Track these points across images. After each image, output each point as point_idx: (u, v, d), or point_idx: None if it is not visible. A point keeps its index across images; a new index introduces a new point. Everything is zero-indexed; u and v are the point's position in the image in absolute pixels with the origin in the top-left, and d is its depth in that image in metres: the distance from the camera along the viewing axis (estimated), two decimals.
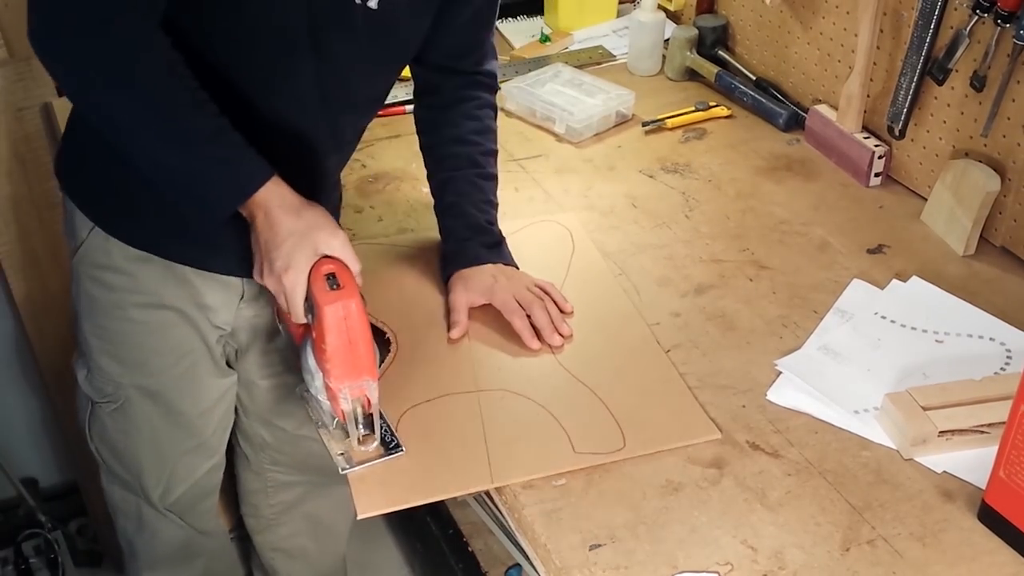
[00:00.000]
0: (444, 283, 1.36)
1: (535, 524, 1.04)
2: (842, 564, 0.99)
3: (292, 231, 1.07)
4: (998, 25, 1.31)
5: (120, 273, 1.28)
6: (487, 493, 1.14)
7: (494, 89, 1.44)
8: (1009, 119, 1.38)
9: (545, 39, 2.05)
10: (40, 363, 1.95)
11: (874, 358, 1.24)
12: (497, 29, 2.08)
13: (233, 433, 1.58)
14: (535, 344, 1.27)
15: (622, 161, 1.68)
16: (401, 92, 1.79)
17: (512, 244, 1.39)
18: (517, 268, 1.37)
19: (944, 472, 1.10)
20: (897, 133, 1.55)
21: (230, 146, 1.07)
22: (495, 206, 1.40)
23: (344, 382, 1.07)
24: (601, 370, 1.23)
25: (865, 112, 1.60)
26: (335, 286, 1.06)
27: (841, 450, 1.13)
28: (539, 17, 2.14)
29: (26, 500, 2.05)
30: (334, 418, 1.14)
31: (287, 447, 1.62)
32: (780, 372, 1.23)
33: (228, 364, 1.44)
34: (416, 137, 1.44)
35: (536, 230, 1.49)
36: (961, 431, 1.10)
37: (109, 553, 2.10)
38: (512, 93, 1.79)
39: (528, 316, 1.29)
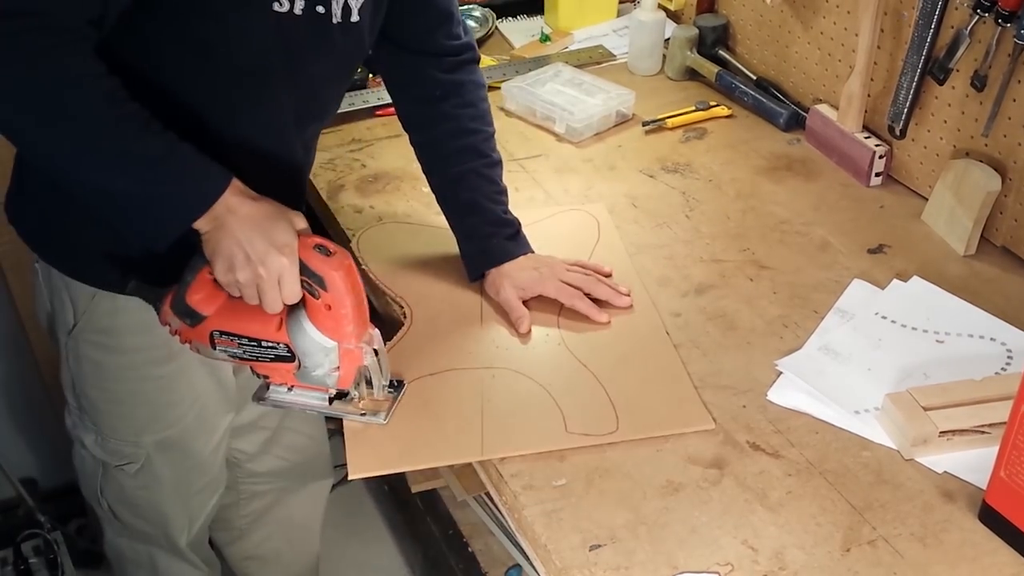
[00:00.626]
0: (471, 281, 1.36)
1: (535, 524, 1.04)
2: (843, 564, 0.99)
3: (263, 216, 1.05)
4: (999, 25, 1.31)
5: (131, 333, 1.25)
6: (487, 494, 1.14)
7: (477, 60, 1.39)
8: (1010, 119, 1.38)
9: (545, 38, 2.05)
10: (40, 363, 1.95)
11: (875, 358, 1.24)
12: (497, 29, 2.09)
13: None
14: (604, 317, 1.30)
15: (622, 161, 1.67)
16: None
17: (540, 230, 1.42)
18: (534, 252, 1.37)
19: (945, 472, 1.09)
20: (898, 133, 1.55)
21: (186, 160, 1.04)
22: (505, 192, 1.39)
23: (363, 338, 1.09)
24: (606, 356, 1.25)
25: (866, 112, 1.60)
26: (329, 253, 1.06)
27: (842, 450, 1.12)
28: (539, 16, 2.14)
29: (26, 500, 2.05)
30: (336, 390, 1.15)
31: (269, 451, 1.60)
32: (780, 372, 1.23)
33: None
34: None
35: (565, 218, 1.52)
36: (962, 431, 1.10)
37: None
38: (512, 93, 1.78)
39: (587, 294, 1.31)
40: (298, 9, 1.08)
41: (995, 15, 1.31)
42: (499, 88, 1.82)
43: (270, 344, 1.12)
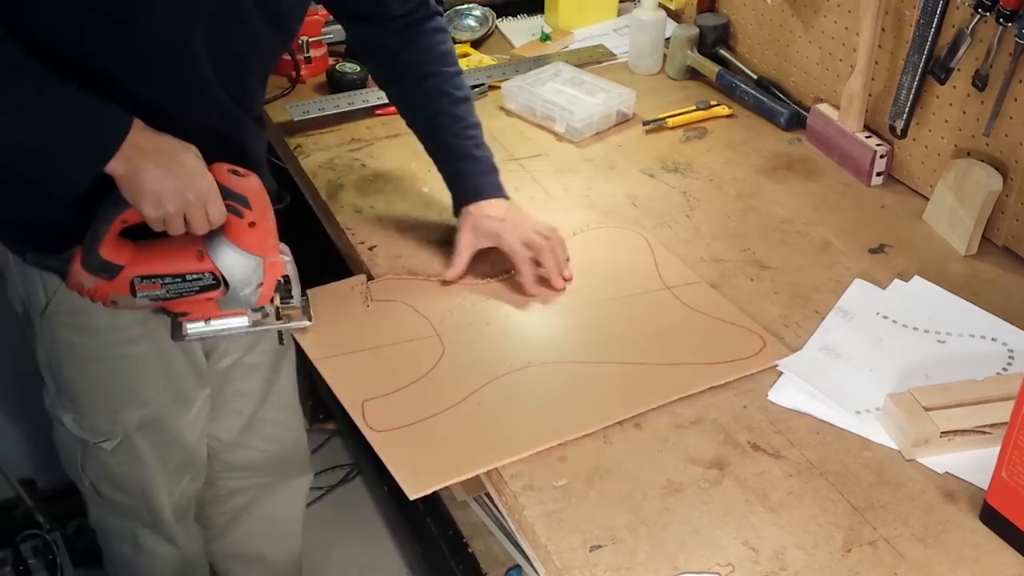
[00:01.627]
0: (456, 216, 1.40)
1: (536, 525, 1.03)
2: (843, 565, 0.99)
3: (172, 149, 1.09)
4: (1000, 24, 1.31)
5: (103, 312, 1.25)
6: (487, 494, 1.14)
7: (434, 12, 1.40)
8: (1011, 118, 1.38)
9: (545, 38, 2.04)
10: (40, 363, 1.94)
11: (876, 358, 1.24)
12: (498, 28, 2.08)
13: None
14: (534, 290, 1.32)
15: (623, 160, 1.67)
16: None
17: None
18: (508, 199, 1.39)
19: (946, 473, 1.09)
20: (899, 132, 1.54)
21: (86, 107, 1.05)
22: (476, 126, 1.41)
23: (277, 248, 1.17)
24: (502, 399, 1.21)
25: (867, 111, 1.60)
26: (242, 175, 1.12)
27: (843, 451, 1.12)
28: (539, 16, 2.14)
29: (24, 501, 2.05)
30: (258, 308, 1.22)
31: (244, 440, 1.61)
32: (781, 372, 1.22)
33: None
34: (414, 137, 1.44)
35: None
36: (963, 432, 1.10)
37: None
38: (512, 92, 1.78)
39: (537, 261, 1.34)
40: None
41: (996, 14, 1.31)
42: (499, 88, 1.81)
43: (195, 276, 1.15)
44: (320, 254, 1.57)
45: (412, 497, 1.07)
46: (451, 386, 1.20)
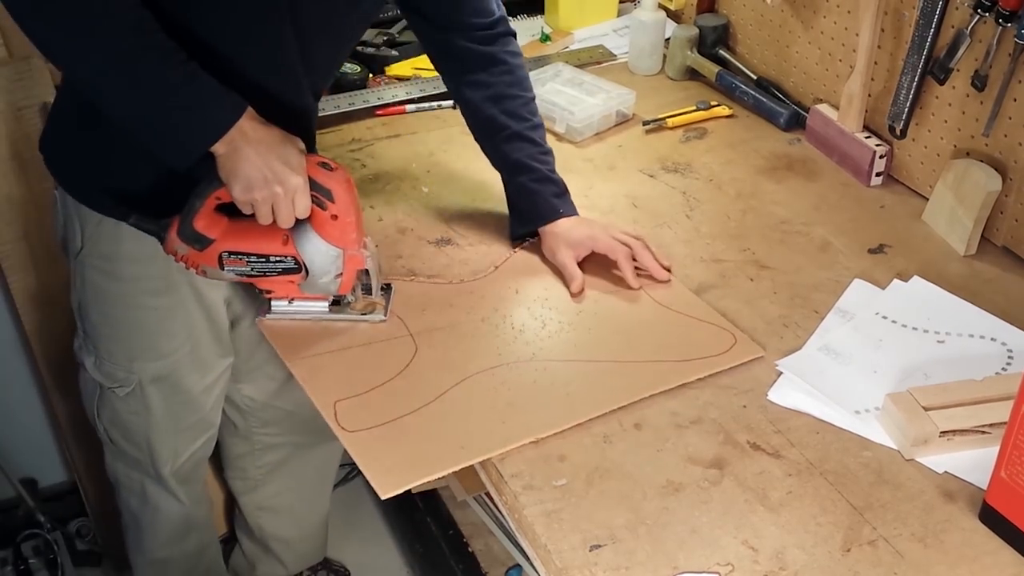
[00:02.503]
0: (513, 240, 1.45)
1: (535, 525, 1.04)
2: (843, 564, 0.99)
3: (275, 140, 1.14)
4: (999, 24, 1.31)
5: (131, 261, 1.31)
6: (487, 494, 1.14)
7: (511, 33, 1.45)
8: (1010, 119, 1.38)
9: (545, 38, 2.04)
10: (40, 363, 1.94)
11: (875, 358, 1.24)
12: None
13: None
14: (637, 283, 1.36)
15: (623, 161, 1.67)
16: (401, 92, 1.79)
17: (668, 321, 1.41)
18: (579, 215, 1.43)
19: (945, 472, 1.09)
20: (898, 132, 1.55)
21: (205, 87, 1.11)
22: (550, 153, 1.45)
23: (361, 241, 1.22)
24: (481, 399, 1.21)
25: (866, 111, 1.60)
26: (332, 168, 1.18)
27: (842, 450, 1.12)
28: (539, 16, 2.14)
29: (25, 500, 2.05)
30: (335, 296, 1.28)
31: (276, 402, 1.65)
32: (781, 372, 1.23)
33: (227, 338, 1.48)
34: (414, 136, 1.45)
35: (707, 330, 1.44)
36: (962, 431, 1.10)
37: (108, 553, 2.10)
38: None
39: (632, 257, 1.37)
40: None
41: (996, 15, 1.31)
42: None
43: (278, 258, 1.22)
44: None
45: (383, 496, 1.07)
46: (424, 385, 1.21)
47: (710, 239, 1.47)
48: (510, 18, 2.11)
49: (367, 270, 1.25)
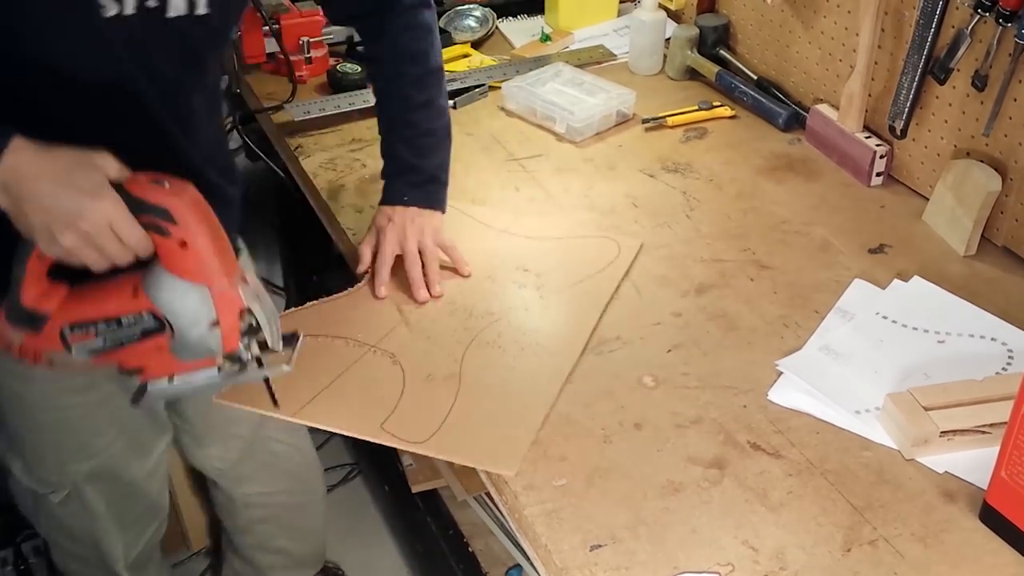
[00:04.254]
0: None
1: (536, 524, 1.04)
2: (843, 564, 0.99)
3: (59, 168, 0.91)
4: (999, 24, 1.31)
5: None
6: (487, 494, 1.14)
7: (417, 5, 1.36)
8: (1011, 119, 1.38)
9: (546, 38, 2.04)
10: None
11: (875, 358, 1.24)
12: (498, 29, 2.09)
13: (191, 463, 1.56)
14: (422, 296, 1.30)
15: (623, 161, 1.67)
16: None
17: (561, 248, 1.44)
18: (442, 212, 1.37)
19: (945, 472, 1.09)
20: (898, 133, 1.55)
21: None
22: (428, 132, 1.37)
23: (235, 275, 0.96)
24: (489, 372, 1.22)
25: (866, 112, 1.60)
26: (167, 184, 0.93)
27: (842, 450, 1.12)
28: (540, 16, 2.14)
29: None
30: (224, 356, 0.98)
31: (249, 459, 1.58)
32: (781, 372, 1.23)
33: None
34: None
35: (594, 243, 1.47)
36: (963, 431, 1.10)
37: None
38: (512, 92, 1.78)
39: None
40: (129, 9, 0.99)
41: (996, 15, 1.31)
42: (499, 88, 1.82)
43: (132, 318, 0.96)
44: (321, 254, 1.57)
45: (513, 472, 1.08)
46: (439, 378, 1.21)
47: (710, 239, 1.47)
48: (510, 18, 2.13)
49: (253, 315, 0.97)
